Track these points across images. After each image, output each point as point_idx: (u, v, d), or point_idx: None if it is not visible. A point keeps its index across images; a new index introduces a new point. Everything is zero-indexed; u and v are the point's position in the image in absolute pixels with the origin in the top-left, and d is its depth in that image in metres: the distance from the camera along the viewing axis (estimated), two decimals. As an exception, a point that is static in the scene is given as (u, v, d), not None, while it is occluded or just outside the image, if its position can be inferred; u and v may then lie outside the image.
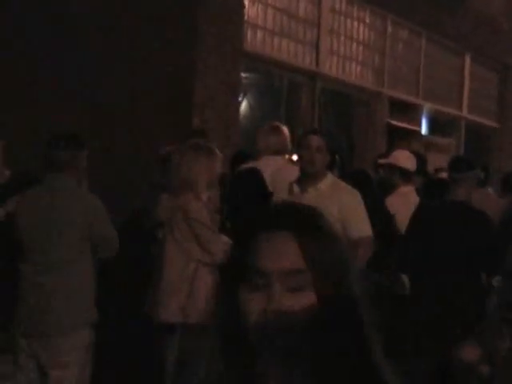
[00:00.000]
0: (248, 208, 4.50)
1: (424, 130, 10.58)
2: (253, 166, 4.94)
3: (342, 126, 9.52)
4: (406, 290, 5.12)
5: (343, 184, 4.29)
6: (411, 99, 10.28)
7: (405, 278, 5.14)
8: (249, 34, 7.45)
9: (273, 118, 8.38)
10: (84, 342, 3.79)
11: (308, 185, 4.13)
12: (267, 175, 4.92)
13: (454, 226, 4.51)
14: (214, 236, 4.02)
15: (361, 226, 4.13)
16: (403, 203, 5.31)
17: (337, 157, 5.53)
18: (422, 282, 4.64)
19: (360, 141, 9.49)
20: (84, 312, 3.79)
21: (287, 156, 5.52)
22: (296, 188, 4.18)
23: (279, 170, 4.99)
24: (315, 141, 4.19)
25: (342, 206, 4.06)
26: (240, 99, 7.85)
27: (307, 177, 4.15)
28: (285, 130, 5.40)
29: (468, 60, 11.49)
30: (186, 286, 4.00)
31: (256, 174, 4.75)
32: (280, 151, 5.25)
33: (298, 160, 4.40)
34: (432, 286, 4.46)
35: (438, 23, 10.22)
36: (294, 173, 4.57)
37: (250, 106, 8.84)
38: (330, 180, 4.19)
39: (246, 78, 8.19)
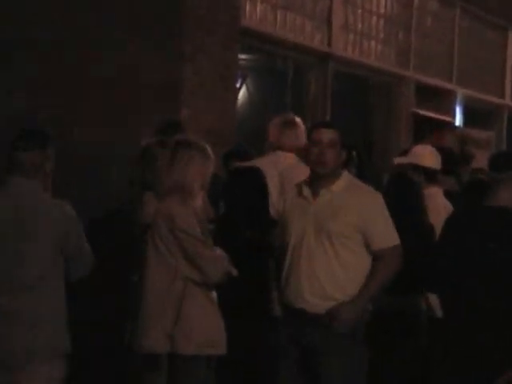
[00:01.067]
0: (244, 212, 4.63)
1: (458, 120, 10.67)
2: (252, 165, 5.02)
3: (359, 116, 9.56)
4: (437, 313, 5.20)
5: (361, 184, 4.31)
6: (442, 84, 10.35)
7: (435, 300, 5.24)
8: (247, 7, 7.49)
9: (276, 108, 8.46)
10: (54, 377, 3.79)
11: (320, 186, 4.14)
12: (276, 171, 5.00)
13: (495, 237, 4.49)
14: (206, 251, 4.05)
15: (386, 235, 4.15)
16: (429, 209, 5.33)
17: (354, 153, 5.60)
18: (456, 306, 4.65)
19: (381, 134, 9.53)
20: (55, 340, 3.79)
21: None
22: (306, 190, 4.21)
23: (291, 168, 5.06)
24: (326, 135, 4.16)
25: (361, 211, 4.09)
26: (237, 85, 7.87)
27: (319, 177, 4.19)
28: (301, 124, 5.51)
29: (511, 36, 11.59)
30: (173, 308, 4.01)
31: (256, 174, 4.83)
32: (294, 148, 5.36)
33: (307, 158, 4.44)
34: (468, 312, 4.48)
35: (474, -8, 10.37)
36: (304, 171, 4.58)
37: (249, 94, 8.94)
38: (345, 180, 4.20)
39: (243, 60, 8.23)
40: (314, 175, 4.21)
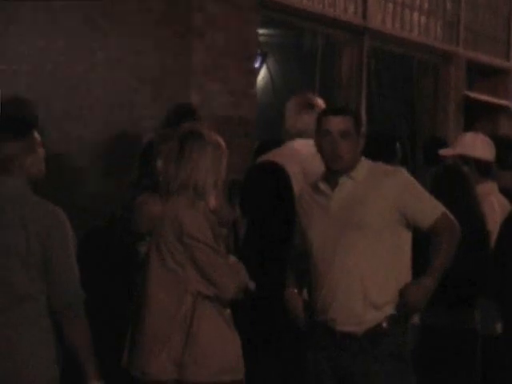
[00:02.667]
0: (268, 216, 4.56)
1: (517, 105, 10.61)
2: (272, 161, 4.97)
3: (401, 101, 9.62)
4: (496, 330, 5.21)
5: (383, 165, 4.31)
6: (498, 62, 10.35)
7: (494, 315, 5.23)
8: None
9: (303, 90, 8.42)
10: None
11: (338, 177, 4.14)
12: (297, 165, 4.97)
13: None
14: (220, 260, 4.02)
15: (429, 207, 4.15)
16: (483, 206, 5.28)
17: (397, 145, 5.55)
18: None
19: (427, 121, 9.56)
20: (41, 371, 3.78)
21: None
22: (323, 185, 4.19)
23: (314, 157, 5.01)
24: (336, 124, 4.15)
25: (391, 190, 4.11)
26: (257, 65, 7.91)
27: (333, 169, 4.17)
28: (322, 104, 5.46)
29: None
30: (182, 329, 4.00)
31: (277, 172, 4.78)
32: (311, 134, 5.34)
33: (318, 151, 4.43)
34: None
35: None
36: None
37: (271, 76, 8.91)
38: (365, 165, 4.20)
39: (264, 35, 8.30)
40: (329, 170, 4.20)
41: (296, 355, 4.46)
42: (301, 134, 5.34)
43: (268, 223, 4.55)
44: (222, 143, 4.17)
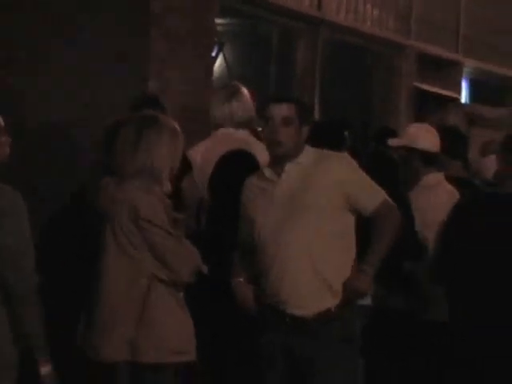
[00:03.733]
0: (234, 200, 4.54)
1: (465, 96, 10.82)
2: (242, 149, 4.96)
3: (354, 90, 9.59)
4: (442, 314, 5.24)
5: (328, 151, 4.32)
6: (448, 55, 10.42)
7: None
8: (226, -35, 7.52)
9: (258, 81, 8.46)
10: None
11: (284, 164, 4.15)
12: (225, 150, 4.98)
13: (508, 230, 4.54)
14: (175, 244, 4.02)
15: (371, 193, 4.19)
16: (429, 197, 5.38)
17: (346, 133, 5.56)
18: (463, 308, 4.70)
19: (378, 111, 9.62)
20: None
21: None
22: (268, 171, 4.20)
23: (243, 146, 5.03)
24: (278, 111, 4.16)
25: (336, 176, 4.13)
26: (214, 54, 7.88)
27: (279, 157, 4.18)
28: (247, 93, 5.49)
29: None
30: (136, 311, 4.00)
31: (247, 159, 4.80)
32: (245, 122, 5.36)
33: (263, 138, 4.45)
34: (478, 317, 4.52)
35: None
36: (262, 151, 4.61)
37: (227, 64, 8.89)
38: (311, 152, 4.23)
39: (221, 24, 8.23)
40: (274, 156, 4.21)
41: (251, 339, 4.44)
42: (228, 122, 5.34)
43: (234, 207, 4.49)
44: (178, 129, 4.17)
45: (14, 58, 6.86)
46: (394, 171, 5.43)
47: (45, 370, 3.78)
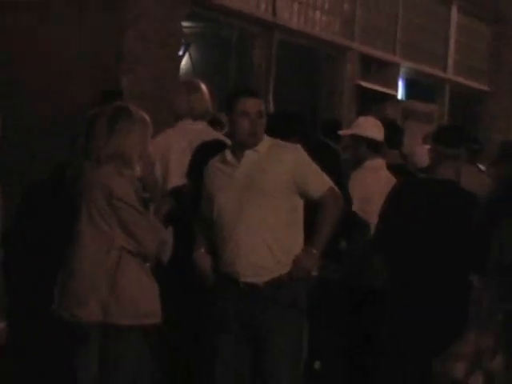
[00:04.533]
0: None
1: (401, 93, 10.75)
2: (218, 139, 4.95)
3: (304, 86, 9.60)
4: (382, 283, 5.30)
5: (282, 142, 4.32)
6: (387, 56, 10.38)
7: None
8: (192, -26, 7.46)
9: (220, 78, 8.46)
10: None
11: (244, 151, 4.16)
12: (186, 141, 4.96)
13: (439, 210, 4.57)
14: (142, 220, 4.02)
15: (319, 181, 4.20)
16: (372, 180, 5.45)
17: (296, 123, 5.53)
18: (399, 276, 4.74)
19: (325, 105, 9.55)
20: None
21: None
22: (230, 156, 4.20)
23: (201, 135, 5.04)
24: (255, 105, 4.17)
25: (287, 164, 4.14)
26: (181, 53, 7.87)
27: (244, 145, 4.18)
28: (206, 89, 5.47)
29: (455, 10, 11.68)
30: (108, 278, 3.99)
31: (221, 148, 4.68)
32: (202, 114, 5.33)
33: (229, 125, 4.39)
34: (410, 283, 4.56)
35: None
36: (221, 139, 4.66)
37: (192, 62, 8.89)
38: (267, 141, 4.22)
39: (187, 27, 8.21)
40: (239, 144, 4.20)
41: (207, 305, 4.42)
42: (187, 114, 5.29)
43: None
44: (148, 119, 4.16)
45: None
46: (337, 160, 5.42)
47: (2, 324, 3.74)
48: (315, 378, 5.95)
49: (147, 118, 4.12)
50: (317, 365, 6.11)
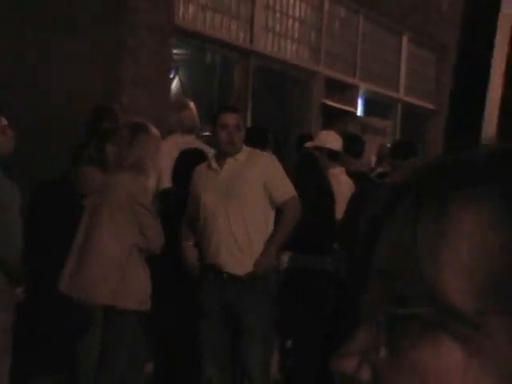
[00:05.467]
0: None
1: (360, 111, 10.74)
2: (195, 148, 4.96)
3: (277, 105, 9.58)
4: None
5: (259, 152, 4.38)
6: (348, 79, 10.39)
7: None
8: (181, 8, 7.45)
9: (205, 97, 8.48)
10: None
11: (226, 159, 4.21)
12: (176, 154, 4.93)
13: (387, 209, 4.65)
14: (155, 224, 4.09)
15: (284, 189, 4.22)
16: (334, 184, 5.41)
17: (269, 136, 5.60)
18: (356, 266, 4.76)
19: (295, 121, 9.55)
20: None
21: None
22: (214, 163, 4.23)
23: (191, 146, 5.06)
24: (233, 119, 4.22)
25: (260, 170, 4.17)
26: (171, 75, 7.87)
27: (225, 153, 4.22)
28: (193, 106, 5.47)
29: (405, 40, 11.72)
30: (119, 268, 4.03)
31: (199, 155, 4.78)
32: (190, 128, 5.33)
33: (212, 138, 4.45)
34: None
35: (375, 1, 10.35)
36: (205, 150, 4.68)
37: (182, 84, 8.85)
38: (246, 150, 4.27)
39: (177, 54, 8.19)
40: (221, 153, 4.23)
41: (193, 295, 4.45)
42: (178, 128, 5.29)
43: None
44: (159, 135, 4.26)
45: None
46: (321, 167, 5.48)
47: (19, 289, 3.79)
48: (287, 354, 5.99)
49: (159, 133, 4.18)
50: (288, 344, 6.14)
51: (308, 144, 5.94)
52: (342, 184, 5.52)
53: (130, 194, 4.01)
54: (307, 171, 4.69)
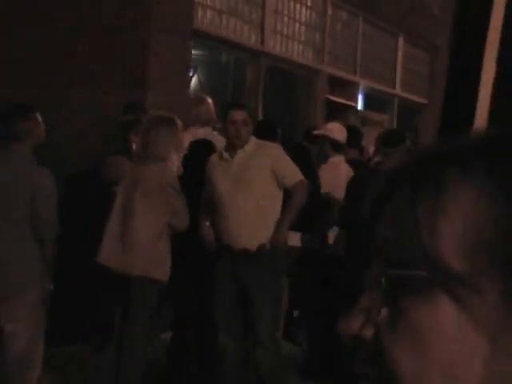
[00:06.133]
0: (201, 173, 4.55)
1: (360, 105, 10.71)
2: (205, 139, 4.97)
3: (285, 100, 9.55)
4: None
5: (267, 142, 4.39)
6: (349, 77, 10.36)
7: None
8: (199, 13, 7.46)
9: (220, 93, 8.48)
10: (35, 300, 3.79)
11: (236, 149, 4.24)
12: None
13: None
14: (184, 206, 4.12)
15: (293, 174, 4.24)
16: (333, 172, 5.49)
17: (278, 130, 5.63)
18: (354, 246, 4.79)
19: (301, 115, 9.53)
20: (33, 276, 3.78)
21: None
22: (225, 154, 4.26)
23: (207, 137, 5.09)
24: (240, 115, 4.24)
25: (269, 159, 4.18)
26: (190, 75, 7.85)
27: (234, 145, 4.25)
28: (210, 100, 5.47)
29: (401, 41, 11.68)
30: (154, 241, 4.07)
31: (208, 146, 4.80)
32: (207, 121, 5.33)
33: (224, 131, 4.46)
34: (361, 250, 4.61)
35: (374, 6, 10.33)
36: (220, 141, 4.68)
37: (200, 81, 8.83)
38: (254, 142, 4.29)
39: (195, 54, 8.19)
40: (231, 145, 4.26)
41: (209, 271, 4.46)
42: (195, 122, 5.31)
43: (200, 176, 4.53)
44: (181, 126, 4.28)
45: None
46: (310, 157, 5.51)
47: (50, 286, 3.82)
48: (294, 323, 6.03)
49: (181, 124, 4.21)
50: (296, 313, 6.18)
51: (317, 131, 5.96)
52: (341, 171, 5.54)
53: (161, 180, 4.05)
54: (298, 160, 4.71)
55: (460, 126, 1.36)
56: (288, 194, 4.31)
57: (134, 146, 4.48)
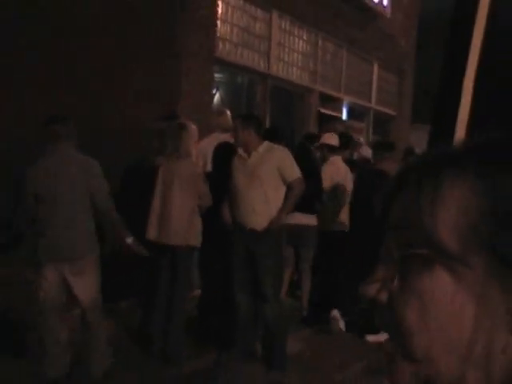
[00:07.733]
0: (224, 170, 4.47)
1: (344, 116, 10.69)
2: (227, 141, 4.91)
3: (286, 112, 9.53)
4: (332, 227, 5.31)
5: (276, 145, 4.34)
6: (335, 94, 10.35)
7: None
8: (220, 45, 7.43)
9: (236, 107, 8.45)
10: (95, 259, 3.72)
11: (251, 151, 4.19)
12: (213, 144, 4.90)
13: (375, 184, 4.65)
14: (207, 188, 4.13)
15: (292, 171, 4.18)
16: (333, 168, 5.54)
17: (283, 134, 5.59)
18: (357, 223, 4.78)
19: (298, 123, 9.52)
20: (92, 243, 3.71)
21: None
22: (243, 153, 4.21)
23: (225, 139, 5.05)
24: (238, 123, 4.21)
25: (276, 159, 4.13)
26: (213, 93, 7.82)
27: (248, 146, 4.19)
28: (228, 112, 5.40)
29: (376, 66, 11.63)
30: (190, 217, 4.08)
31: (230, 147, 4.74)
32: (227, 129, 5.28)
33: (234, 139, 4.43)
34: (363, 228, 4.58)
35: (354, 40, 10.32)
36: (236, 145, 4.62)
37: (221, 98, 8.82)
38: (266, 145, 4.23)
39: (217, 77, 8.18)
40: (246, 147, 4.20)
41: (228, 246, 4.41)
42: (219, 129, 5.27)
43: (223, 174, 4.49)
44: (196, 130, 4.25)
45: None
46: (313, 156, 5.47)
47: (129, 239, 3.72)
48: (294, 286, 5.98)
49: (196, 129, 4.18)
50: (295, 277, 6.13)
51: (316, 144, 5.99)
52: (339, 168, 5.62)
53: (194, 171, 4.07)
54: (301, 157, 4.67)
55: (445, 135, 1.30)
56: (289, 187, 4.26)
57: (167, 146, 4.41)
